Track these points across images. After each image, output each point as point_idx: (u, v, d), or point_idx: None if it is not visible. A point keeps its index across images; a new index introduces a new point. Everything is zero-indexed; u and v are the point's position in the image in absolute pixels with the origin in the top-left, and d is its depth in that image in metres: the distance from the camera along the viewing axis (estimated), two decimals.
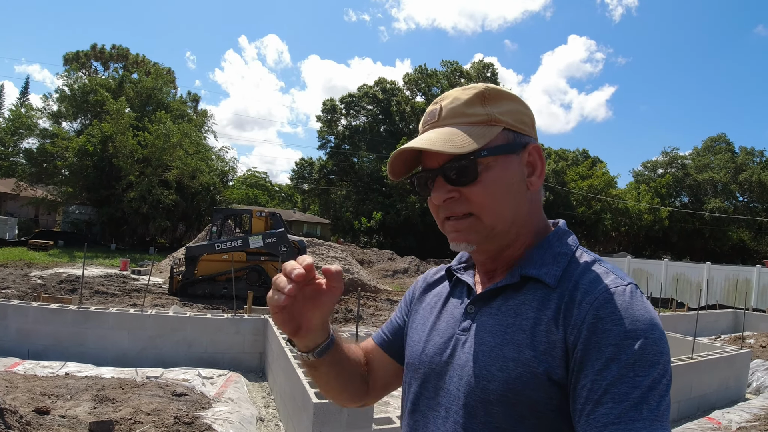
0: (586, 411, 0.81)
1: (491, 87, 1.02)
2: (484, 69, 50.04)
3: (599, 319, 0.85)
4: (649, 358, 0.81)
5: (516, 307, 0.96)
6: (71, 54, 43.72)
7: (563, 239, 1.04)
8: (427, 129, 1.02)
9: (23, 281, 13.16)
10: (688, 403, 6.38)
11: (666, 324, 10.61)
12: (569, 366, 0.86)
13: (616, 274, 0.93)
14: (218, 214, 15.27)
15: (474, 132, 0.97)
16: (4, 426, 3.24)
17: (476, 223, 0.99)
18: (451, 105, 1.01)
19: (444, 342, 1.05)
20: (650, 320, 0.84)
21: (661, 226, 49.29)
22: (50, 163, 30.57)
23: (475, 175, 0.97)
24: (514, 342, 0.92)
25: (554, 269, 0.97)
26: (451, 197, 0.99)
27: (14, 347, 6.46)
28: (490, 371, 0.92)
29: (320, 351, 1.08)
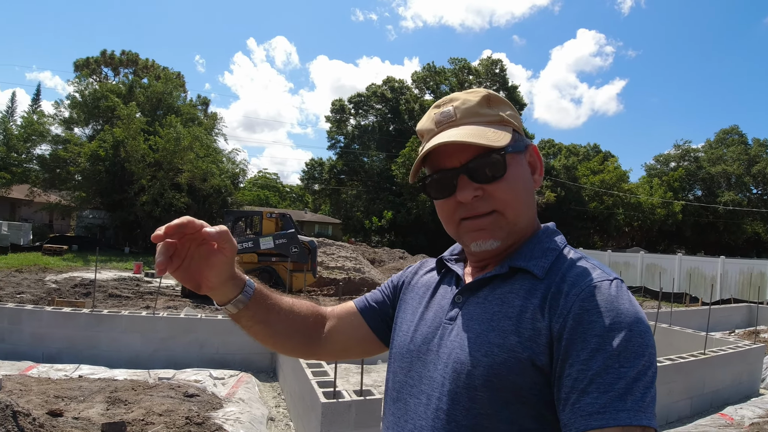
0: (571, 400, 0.82)
1: (492, 92, 1.07)
2: (492, 65, 49.84)
3: (585, 311, 0.86)
4: (634, 349, 0.82)
5: (503, 295, 0.99)
6: (81, 60, 44.09)
7: (552, 237, 1.08)
8: (444, 128, 1.04)
9: (38, 286, 13.31)
10: (701, 399, 6.33)
11: (679, 319, 10.52)
12: (553, 354, 0.88)
13: (603, 270, 0.95)
14: (229, 216, 15.35)
15: (498, 129, 1.02)
16: (18, 428, 3.29)
17: (500, 219, 1.01)
18: (464, 106, 1.04)
19: (431, 331, 1.07)
20: (635, 314, 0.86)
21: (675, 220, 48.85)
22: (63, 169, 30.86)
23: (503, 171, 1.00)
24: (500, 328, 0.94)
25: (542, 262, 1.00)
26: (476, 195, 1.00)
27: (28, 351, 6.54)
28: (476, 357, 0.93)
29: (233, 305, 1.09)
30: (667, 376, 5.89)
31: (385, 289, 1.32)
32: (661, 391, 5.81)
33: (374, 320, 1.27)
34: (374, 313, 1.28)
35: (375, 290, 1.35)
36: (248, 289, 1.12)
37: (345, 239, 41.37)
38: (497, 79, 48.84)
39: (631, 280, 22.94)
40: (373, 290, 1.35)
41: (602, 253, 26.75)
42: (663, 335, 8.58)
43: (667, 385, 5.89)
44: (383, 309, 1.28)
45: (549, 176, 46.03)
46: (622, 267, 23.48)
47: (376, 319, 1.27)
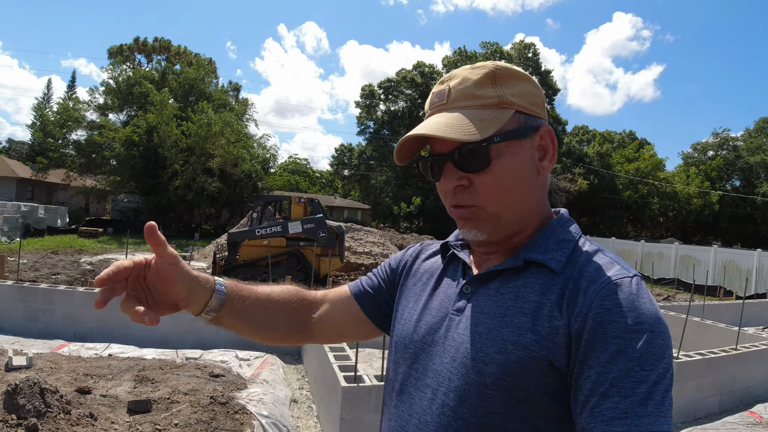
0: (590, 403, 0.80)
1: (502, 66, 0.98)
2: (525, 49, 49.08)
3: (606, 310, 0.83)
4: (656, 352, 0.80)
5: (517, 290, 0.94)
6: (115, 48, 44.87)
7: (566, 227, 1.02)
8: (435, 111, 0.99)
9: (73, 267, 13.70)
10: (731, 396, 6.17)
11: (712, 313, 10.28)
12: (570, 354, 0.85)
13: (621, 265, 0.91)
14: (259, 201, 15.50)
15: (486, 116, 0.94)
16: (44, 405, 3.39)
17: (481, 213, 0.97)
18: (460, 86, 0.97)
19: (437, 321, 1.03)
20: (656, 314, 0.84)
21: (711, 210, 47.58)
22: (98, 154, 31.63)
23: (486, 163, 0.94)
24: (514, 325, 0.90)
25: (559, 255, 0.95)
26: (461, 185, 0.96)
27: (61, 330, 6.76)
28: (488, 353, 0.90)
29: (209, 311, 1.07)
30: (697, 371, 5.76)
31: (382, 273, 1.27)
32: (690, 387, 5.69)
33: (369, 305, 1.23)
34: (369, 298, 1.24)
35: (370, 273, 1.30)
36: (220, 287, 1.09)
37: (374, 225, 41.48)
38: (530, 63, 48.07)
39: (664, 271, 22.46)
40: (368, 273, 1.31)
41: (635, 243, 26.24)
42: (694, 329, 8.40)
43: (697, 380, 5.76)
44: (379, 294, 1.24)
45: (582, 163, 45.30)
46: (656, 258, 23.00)
47: (370, 305, 1.24)
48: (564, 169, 42.64)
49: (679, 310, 9.83)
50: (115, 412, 3.99)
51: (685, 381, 5.61)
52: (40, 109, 33.08)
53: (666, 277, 21.94)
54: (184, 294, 1.02)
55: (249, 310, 1.14)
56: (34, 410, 3.33)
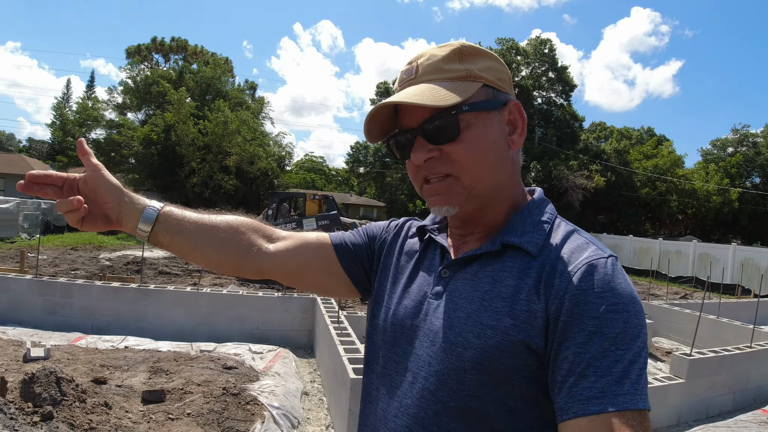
0: (568, 383, 0.81)
1: (468, 44, 0.99)
2: (541, 45, 48.49)
3: (582, 291, 0.84)
4: (631, 331, 0.81)
5: (494, 274, 0.95)
6: (133, 47, 45.32)
7: (542, 207, 1.03)
8: (404, 86, 0.99)
9: (92, 263, 13.91)
10: (744, 394, 6.10)
11: (728, 311, 10.15)
12: (548, 336, 0.86)
13: (597, 246, 0.92)
14: (274, 198, 15.63)
15: (454, 87, 0.94)
16: (60, 393, 3.48)
17: (455, 184, 0.96)
18: (427, 62, 0.98)
19: (415, 305, 1.03)
20: (631, 294, 0.85)
21: (731, 208, 46.72)
22: (117, 152, 32.03)
23: (456, 132, 0.94)
24: (492, 309, 0.91)
25: (535, 237, 0.96)
26: (431, 156, 0.96)
27: (78, 323, 6.89)
28: (467, 338, 0.90)
29: (144, 224, 1.10)
30: (710, 369, 5.71)
31: (362, 235, 1.26)
32: (703, 385, 5.64)
33: (348, 261, 1.21)
34: (349, 254, 1.22)
35: (353, 231, 1.28)
36: (153, 204, 1.13)
37: None
38: (546, 59, 47.53)
39: (682, 269, 22.20)
40: (351, 230, 1.29)
41: (653, 241, 25.93)
42: (709, 327, 8.32)
43: (710, 378, 5.70)
44: (358, 253, 1.23)
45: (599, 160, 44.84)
46: (673, 256, 22.73)
47: (349, 260, 1.21)
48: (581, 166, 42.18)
49: (694, 308, 9.72)
50: (130, 402, 4.08)
51: (698, 378, 5.55)
52: (60, 109, 33.68)
53: (684, 275, 21.69)
54: (111, 203, 1.09)
55: (188, 228, 1.13)
56: (50, 398, 3.42)
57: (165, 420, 3.87)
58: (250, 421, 4.13)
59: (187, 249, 1.15)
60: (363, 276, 1.23)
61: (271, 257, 1.19)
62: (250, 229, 1.21)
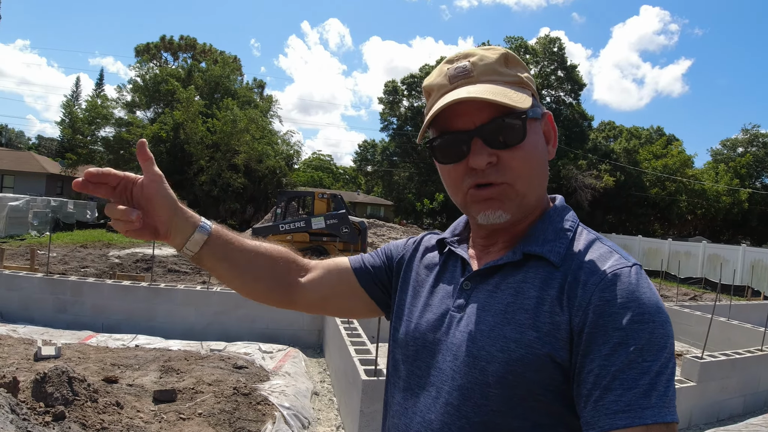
0: (593, 397, 0.79)
1: (510, 52, 0.98)
2: (550, 44, 48.29)
3: (606, 302, 0.82)
4: (657, 342, 0.79)
5: (516, 285, 0.93)
6: (142, 46, 45.50)
7: (563, 215, 1.01)
8: (459, 84, 0.94)
9: (101, 261, 13.98)
10: (755, 398, 6.05)
11: (738, 313, 10.07)
12: (572, 348, 0.84)
13: (620, 254, 0.90)
14: (282, 197, 15.67)
15: (519, 90, 0.93)
16: (72, 393, 3.49)
17: (509, 191, 0.93)
18: (482, 62, 0.95)
19: (437, 319, 1.01)
20: (656, 303, 0.83)
21: (741, 209, 46.36)
22: (126, 150, 32.15)
23: (522, 136, 0.92)
24: (516, 322, 0.89)
25: (557, 246, 0.94)
26: (491, 162, 0.92)
27: (89, 321, 6.93)
28: (490, 352, 0.89)
29: (192, 244, 1.07)
30: (721, 371, 5.67)
31: (381, 255, 1.25)
32: (714, 387, 5.60)
33: (367, 281, 1.21)
34: (368, 275, 1.22)
35: (372, 252, 1.28)
36: (204, 224, 1.10)
37: (396, 221, 41.48)
38: (555, 58, 47.34)
39: (691, 270, 22.09)
40: (370, 252, 1.29)
41: (662, 242, 25.82)
42: (720, 329, 8.24)
43: (721, 381, 5.66)
44: (378, 273, 1.22)
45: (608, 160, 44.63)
46: (683, 256, 22.61)
47: (369, 281, 1.21)
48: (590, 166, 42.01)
49: (705, 309, 9.66)
50: (141, 401, 4.10)
51: (709, 381, 5.52)
52: (69, 107, 33.72)
53: (693, 276, 21.57)
54: (165, 218, 1.05)
55: (233, 254, 1.13)
56: (62, 398, 3.44)
57: (176, 420, 3.88)
58: (261, 422, 4.13)
59: (227, 275, 1.16)
60: (384, 295, 1.23)
61: (301, 290, 1.21)
62: (287, 262, 1.22)
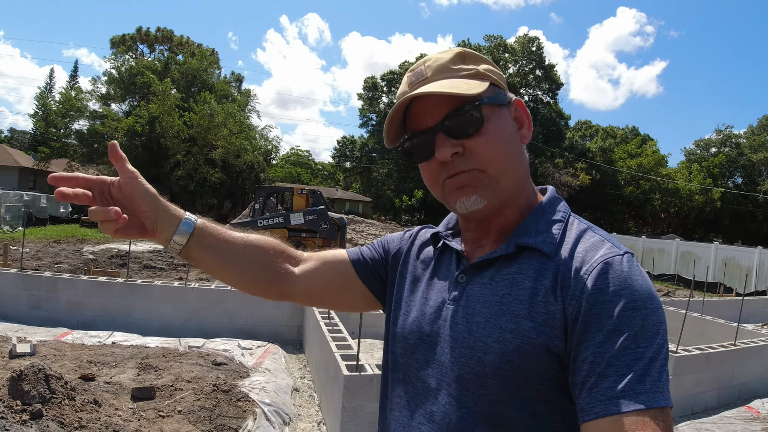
0: (588, 384, 0.80)
1: (467, 49, 1.03)
2: (529, 43, 48.70)
3: (598, 290, 0.84)
4: (650, 328, 0.81)
5: (511, 276, 0.94)
6: (117, 37, 44.70)
7: (555, 206, 1.03)
8: (417, 87, 0.99)
9: (75, 256, 13.73)
10: (729, 391, 6.20)
11: (711, 309, 10.29)
12: (567, 338, 0.86)
13: (612, 243, 0.92)
14: (261, 192, 15.55)
15: (470, 81, 0.97)
16: (49, 391, 3.42)
17: (482, 176, 0.96)
18: (436, 64, 0.99)
19: (434, 312, 1.03)
20: (648, 290, 0.84)
21: (713, 207, 47.40)
22: (101, 144, 31.54)
23: (481, 122, 0.95)
24: (511, 312, 0.90)
25: (550, 237, 0.95)
26: (456, 152, 0.95)
27: (64, 318, 6.80)
28: (486, 343, 0.90)
29: (179, 236, 1.07)
30: (696, 365, 5.79)
31: (378, 248, 1.27)
32: (689, 381, 5.72)
33: (366, 274, 1.23)
34: (366, 267, 1.23)
35: (369, 245, 1.29)
36: (189, 217, 1.10)
37: (375, 217, 41.51)
38: (534, 57, 47.75)
39: (665, 267, 22.52)
40: (367, 245, 1.30)
41: (636, 239, 26.27)
42: (694, 325, 8.41)
43: (695, 375, 5.78)
44: (375, 266, 1.23)
45: (584, 158, 45.21)
46: (657, 254, 23.03)
47: (367, 273, 1.23)
48: (566, 164, 42.54)
49: (678, 305, 9.85)
50: (119, 399, 4.04)
51: (683, 375, 5.64)
52: (43, 99, 33.03)
53: (666, 273, 21.99)
54: (148, 212, 1.04)
55: (220, 245, 1.13)
56: (38, 396, 3.37)
57: (156, 417, 3.82)
58: (242, 418, 4.10)
59: (216, 267, 1.15)
60: (382, 288, 1.24)
61: (296, 281, 1.21)
62: (278, 252, 1.22)
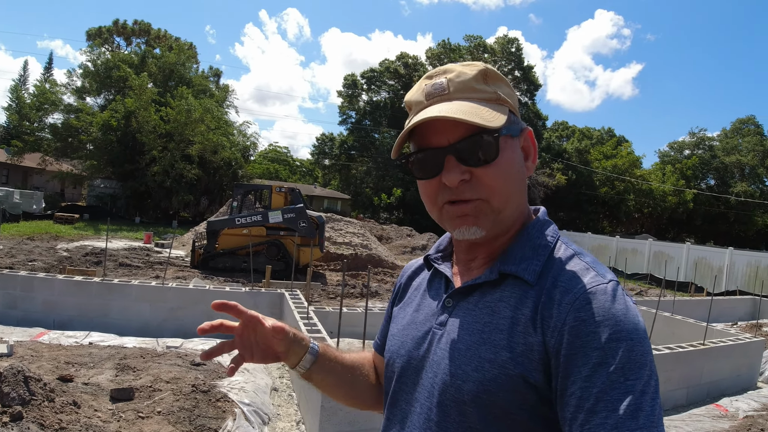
0: (578, 420, 0.78)
1: (490, 67, 0.99)
2: (508, 44, 49.07)
3: (581, 322, 0.82)
4: (637, 359, 0.79)
5: (493, 304, 0.94)
6: (94, 30, 43.99)
7: (543, 230, 1.00)
8: (434, 102, 0.95)
9: (49, 254, 13.51)
10: (698, 389, 6.38)
11: (682, 309, 10.54)
12: (549, 370, 0.84)
13: (597, 271, 0.89)
14: (239, 189, 15.45)
15: (493, 108, 0.93)
16: (29, 393, 3.41)
17: (484, 207, 0.94)
18: (458, 78, 0.95)
19: (421, 336, 1.03)
20: (633, 320, 0.82)
21: (686, 208, 48.40)
22: (75, 138, 31.01)
23: (496, 154, 0.92)
24: (491, 342, 0.89)
25: (533, 264, 0.94)
26: (464, 179, 0.92)
27: (40, 318, 6.72)
28: (465, 371, 0.90)
29: (303, 364, 1.12)
30: (665, 364, 5.93)
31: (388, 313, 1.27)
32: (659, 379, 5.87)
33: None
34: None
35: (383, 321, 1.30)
36: (314, 345, 1.15)
37: (354, 215, 41.49)
38: (513, 58, 48.13)
39: (638, 266, 22.97)
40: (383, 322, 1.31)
41: (611, 239, 26.76)
42: (664, 324, 8.61)
43: (665, 373, 5.92)
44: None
45: (561, 159, 45.76)
46: (630, 253, 23.45)
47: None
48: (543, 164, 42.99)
49: (650, 304, 10.05)
50: (98, 400, 4.03)
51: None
52: (16, 91, 32.29)
53: (639, 272, 22.43)
54: (284, 350, 1.10)
55: (336, 368, 1.18)
56: (18, 398, 3.35)
57: (135, 418, 3.83)
58: (221, 418, 4.12)
59: (331, 388, 1.20)
60: None
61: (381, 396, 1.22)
62: (369, 366, 1.28)
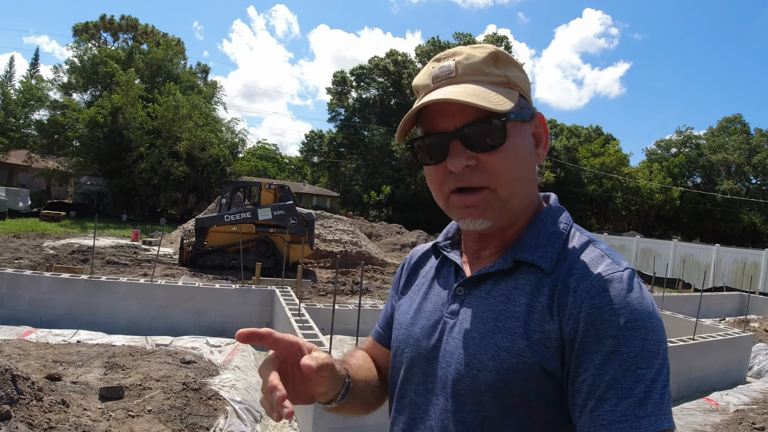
0: (588, 407, 0.78)
1: (501, 50, 0.95)
2: (497, 42, 49.21)
3: (597, 309, 0.81)
4: (650, 348, 0.78)
5: (508, 292, 0.92)
6: (80, 25, 43.52)
7: (556, 217, 0.99)
8: (442, 84, 0.92)
9: (36, 251, 13.35)
10: (688, 384, 6.43)
11: (671, 305, 10.63)
12: (564, 357, 0.83)
13: (612, 258, 0.89)
14: (228, 186, 15.34)
15: (502, 92, 0.90)
16: (17, 392, 3.35)
17: (491, 197, 0.91)
18: (467, 61, 0.92)
19: (431, 325, 1.00)
20: (648, 309, 0.81)
21: (672, 206, 48.92)
22: (61, 135, 30.65)
23: (503, 140, 0.89)
24: (507, 330, 0.88)
25: (549, 252, 0.92)
26: (469, 165, 0.89)
27: (28, 316, 6.64)
28: (481, 360, 0.88)
29: (339, 399, 0.98)
30: None
31: (390, 301, 1.23)
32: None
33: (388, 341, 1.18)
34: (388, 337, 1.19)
35: (383, 308, 1.25)
36: (348, 380, 1.01)
37: (343, 213, 41.38)
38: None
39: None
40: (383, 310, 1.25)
41: (598, 236, 26.88)
42: None
43: None
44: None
45: (550, 157, 45.97)
46: (618, 250, 23.37)
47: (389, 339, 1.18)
48: None
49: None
50: (87, 399, 3.97)
51: None
52: (2, 88, 31.95)
53: None
54: (324, 389, 0.92)
55: (362, 393, 1.08)
56: (6, 397, 3.29)
57: (125, 417, 3.78)
58: (213, 416, 4.08)
59: (355, 410, 1.10)
60: None
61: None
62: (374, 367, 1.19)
